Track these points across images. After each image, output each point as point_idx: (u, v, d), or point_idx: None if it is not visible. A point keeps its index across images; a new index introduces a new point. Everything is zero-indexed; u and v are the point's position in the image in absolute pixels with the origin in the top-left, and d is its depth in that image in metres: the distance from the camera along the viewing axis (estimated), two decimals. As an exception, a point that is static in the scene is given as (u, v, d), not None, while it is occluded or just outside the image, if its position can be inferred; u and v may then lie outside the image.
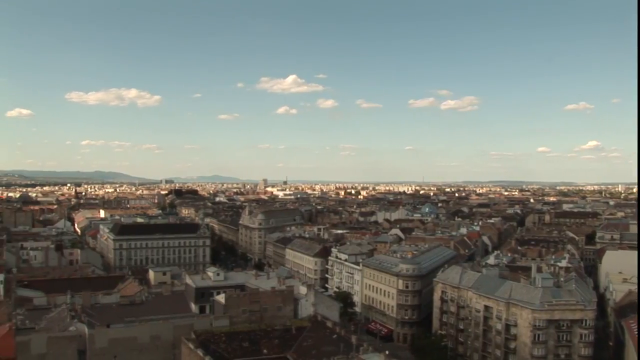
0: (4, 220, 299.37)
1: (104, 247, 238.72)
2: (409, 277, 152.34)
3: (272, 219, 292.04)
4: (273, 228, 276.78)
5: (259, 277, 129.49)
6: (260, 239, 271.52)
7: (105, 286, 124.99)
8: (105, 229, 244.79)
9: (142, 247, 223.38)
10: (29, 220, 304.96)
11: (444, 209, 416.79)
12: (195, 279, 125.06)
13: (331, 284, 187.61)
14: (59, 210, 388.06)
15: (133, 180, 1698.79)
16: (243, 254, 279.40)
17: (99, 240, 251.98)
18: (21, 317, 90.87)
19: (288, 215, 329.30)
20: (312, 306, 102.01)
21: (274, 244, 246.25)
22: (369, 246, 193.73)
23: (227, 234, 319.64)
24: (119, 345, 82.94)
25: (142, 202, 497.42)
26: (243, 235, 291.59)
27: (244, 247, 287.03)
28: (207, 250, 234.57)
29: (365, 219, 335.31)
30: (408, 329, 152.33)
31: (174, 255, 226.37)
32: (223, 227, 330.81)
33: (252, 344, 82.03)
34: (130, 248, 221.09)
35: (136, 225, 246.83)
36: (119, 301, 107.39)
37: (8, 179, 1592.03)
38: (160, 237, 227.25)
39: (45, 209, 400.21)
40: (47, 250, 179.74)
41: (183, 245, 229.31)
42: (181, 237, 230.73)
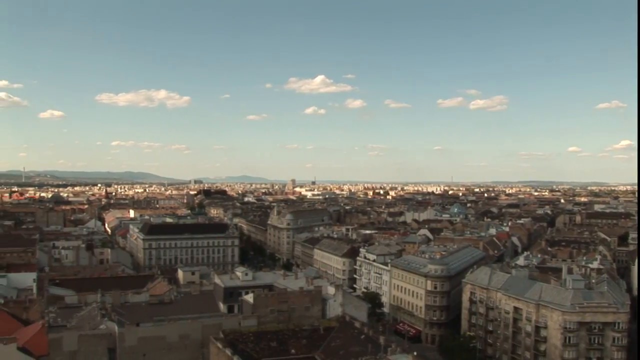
0: (36, 219, 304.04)
1: (133, 246, 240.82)
2: (437, 278, 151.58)
3: (301, 219, 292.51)
4: (301, 228, 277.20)
5: (287, 277, 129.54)
6: (288, 239, 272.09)
7: (135, 285, 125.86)
8: (135, 229, 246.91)
9: (171, 246, 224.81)
10: (60, 220, 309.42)
11: (473, 209, 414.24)
12: (224, 279, 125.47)
13: (359, 285, 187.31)
14: (90, 210, 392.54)
15: (162, 180, 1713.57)
16: (271, 254, 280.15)
17: (128, 239, 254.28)
18: (53, 315, 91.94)
19: (316, 216, 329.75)
20: (340, 306, 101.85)
21: (302, 244, 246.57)
22: (397, 247, 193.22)
23: (256, 234, 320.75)
24: (148, 344, 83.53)
25: (172, 202, 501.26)
26: (271, 236, 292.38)
27: (272, 247, 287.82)
28: (236, 250, 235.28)
29: (393, 219, 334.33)
30: (436, 330, 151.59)
31: (202, 255, 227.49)
32: (251, 227, 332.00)
33: (280, 343, 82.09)
34: (159, 248, 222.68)
35: (165, 225, 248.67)
36: (148, 300, 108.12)
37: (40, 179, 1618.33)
38: (189, 237, 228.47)
39: (77, 208, 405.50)
40: (78, 249, 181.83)
41: (212, 245, 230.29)
42: (210, 237, 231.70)
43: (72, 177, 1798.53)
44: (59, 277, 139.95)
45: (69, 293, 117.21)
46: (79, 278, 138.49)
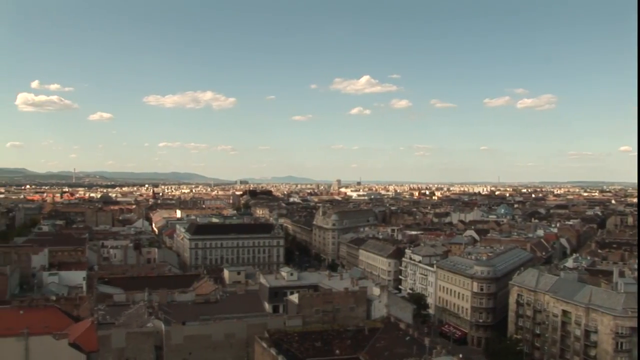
0: (86, 219, 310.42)
1: (180, 246, 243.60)
2: (483, 280, 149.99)
3: (346, 219, 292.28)
4: (346, 229, 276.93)
5: (332, 278, 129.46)
6: (333, 240, 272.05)
7: (181, 284, 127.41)
8: (181, 229, 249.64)
9: (217, 246, 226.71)
10: (109, 220, 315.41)
11: (520, 210, 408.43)
12: (269, 279, 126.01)
13: (404, 285, 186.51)
14: (138, 210, 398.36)
15: (208, 181, 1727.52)
16: (316, 255, 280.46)
17: (175, 239, 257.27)
18: (102, 313, 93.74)
19: (362, 216, 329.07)
20: (385, 307, 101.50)
21: (347, 244, 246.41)
22: (443, 247, 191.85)
23: (301, 234, 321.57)
24: (194, 343, 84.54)
25: (218, 203, 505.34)
26: (317, 236, 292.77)
27: (317, 248, 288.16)
28: (281, 251, 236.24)
29: (439, 220, 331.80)
30: (482, 332, 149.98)
31: (248, 255, 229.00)
32: (297, 227, 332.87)
33: (324, 344, 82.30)
34: (205, 247, 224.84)
35: (211, 225, 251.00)
36: (194, 299, 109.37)
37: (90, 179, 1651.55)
38: (235, 237, 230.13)
39: (125, 209, 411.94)
40: (126, 248, 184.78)
41: (257, 245, 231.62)
42: (255, 237, 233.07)
43: (121, 178, 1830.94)
44: (108, 275, 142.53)
45: (117, 291, 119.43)
46: (127, 277, 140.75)
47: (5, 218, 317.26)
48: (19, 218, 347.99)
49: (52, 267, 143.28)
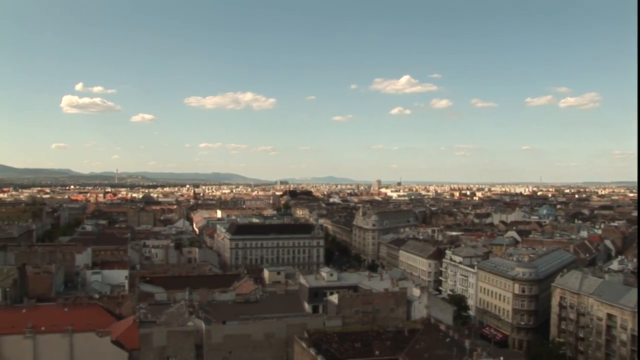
0: (128, 219, 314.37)
1: (220, 246, 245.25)
2: (525, 281, 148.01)
3: (386, 220, 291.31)
4: (387, 229, 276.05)
5: (372, 278, 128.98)
6: (373, 240, 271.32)
7: (222, 284, 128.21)
8: (222, 229, 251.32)
9: (258, 246, 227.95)
10: (150, 220, 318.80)
11: (563, 210, 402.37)
12: (309, 279, 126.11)
13: (445, 287, 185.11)
14: (179, 210, 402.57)
15: (249, 181, 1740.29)
16: (356, 255, 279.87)
17: (215, 239, 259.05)
18: (144, 311, 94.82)
19: (402, 217, 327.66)
20: (425, 308, 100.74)
21: (387, 245, 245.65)
22: (484, 249, 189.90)
23: (341, 234, 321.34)
24: (233, 342, 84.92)
25: (258, 203, 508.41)
26: (356, 236, 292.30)
27: (357, 248, 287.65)
28: (321, 251, 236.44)
29: (480, 220, 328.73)
30: (524, 334, 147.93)
31: (288, 255, 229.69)
32: (337, 227, 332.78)
33: (364, 345, 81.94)
34: (245, 247, 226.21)
35: (252, 226, 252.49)
36: (235, 299, 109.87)
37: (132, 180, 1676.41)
38: (275, 237, 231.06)
39: (166, 209, 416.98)
40: (167, 248, 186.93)
41: (297, 246, 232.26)
42: (295, 238, 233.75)
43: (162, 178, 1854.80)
44: (149, 274, 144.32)
45: (158, 290, 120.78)
46: (168, 276, 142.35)
47: (50, 218, 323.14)
48: (63, 218, 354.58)
49: (95, 266, 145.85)
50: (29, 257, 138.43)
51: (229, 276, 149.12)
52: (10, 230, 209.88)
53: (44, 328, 79.43)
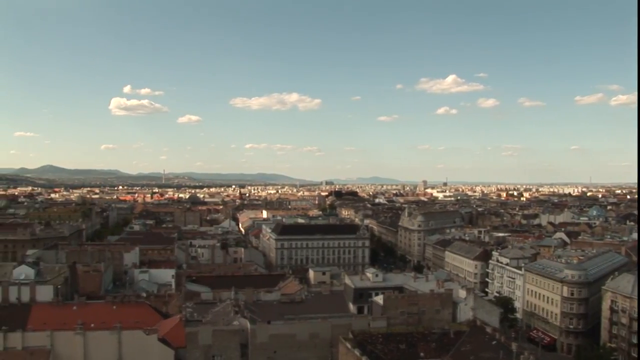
0: (175, 219, 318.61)
1: (266, 246, 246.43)
2: (574, 284, 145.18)
3: (432, 220, 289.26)
4: (432, 230, 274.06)
5: (417, 279, 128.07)
6: (419, 241, 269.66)
7: (267, 284, 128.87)
8: (267, 229, 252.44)
9: (303, 247, 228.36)
10: (197, 220, 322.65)
11: (614, 212, 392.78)
12: (354, 280, 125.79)
13: (491, 288, 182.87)
14: (225, 211, 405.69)
15: (294, 181, 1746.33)
16: (402, 256, 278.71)
17: (261, 239, 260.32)
18: (190, 310, 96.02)
19: (448, 217, 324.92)
20: (471, 310, 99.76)
21: (433, 246, 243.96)
22: (531, 250, 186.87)
23: (386, 235, 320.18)
24: (278, 341, 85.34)
25: (303, 203, 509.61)
26: (402, 237, 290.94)
27: (402, 249, 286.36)
28: (367, 251, 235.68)
29: (527, 221, 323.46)
30: (573, 339, 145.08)
31: (333, 255, 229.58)
32: (382, 228, 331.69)
33: (409, 346, 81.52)
34: (291, 248, 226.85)
35: (297, 226, 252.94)
36: (280, 299, 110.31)
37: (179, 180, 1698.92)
38: (321, 238, 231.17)
39: (212, 209, 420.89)
40: (213, 248, 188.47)
41: (343, 246, 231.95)
42: (341, 238, 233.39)
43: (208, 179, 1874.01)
44: (196, 274, 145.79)
45: (204, 289, 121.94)
46: (214, 275, 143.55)
47: (99, 217, 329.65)
48: (112, 217, 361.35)
49: (142, 265, 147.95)
50: (79, 256, 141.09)
51: (274, 276, 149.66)
52: (62, 230, 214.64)
53: (93, 325, 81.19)
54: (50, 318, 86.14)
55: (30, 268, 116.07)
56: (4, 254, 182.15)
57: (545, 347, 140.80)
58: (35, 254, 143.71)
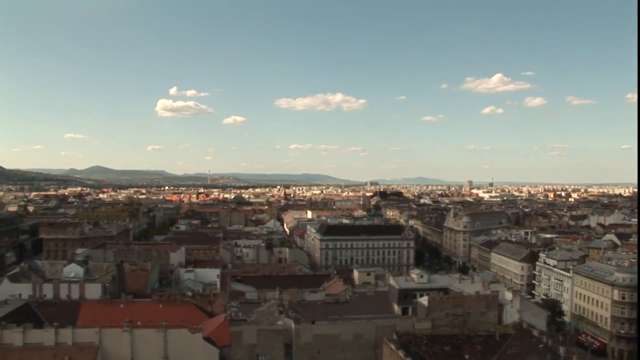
0: (220, 219, 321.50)
1: (310, 246, 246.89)
2: (625, 288, 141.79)
3: (478, 221, 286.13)
4: (478, 231, 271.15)
5: (462, 281, 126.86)
6: (464, 242, 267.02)
7: (311, 284, 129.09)
8: (312, 229, 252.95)
9: (347, 247, 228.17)
10: (242, 220, 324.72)
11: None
12: (399, 280, 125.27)
13: (538, 291, 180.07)
14: (269, 211, 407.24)
15: (339, 182, 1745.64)
16: (447, 257, 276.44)
17: (306, 239, 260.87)
18: (234, 310, 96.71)
19: (494, 218, 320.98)
20: (517, 313, 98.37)
21: (478, 247, 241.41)
22: (580, 252, 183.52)
23: (431, 236, 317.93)
24: (322, 342, 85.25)
25: (348, 204, 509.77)
26: (447, 238, 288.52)
27: (448, 250, 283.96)
28: (411, 252, 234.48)
29: (576, 222, 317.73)
30: (624, 344, 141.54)
31: (378, 256, 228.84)
32: (427, 229, 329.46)
33: (454, 348, 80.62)
34: (335, 248, 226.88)
35: (342, 226, 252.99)
36: (324, 299, 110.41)
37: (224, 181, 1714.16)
38: (365, 238, 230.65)
39: (257, 209, 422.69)
40: (258, 248, 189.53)
41: (387, 247, 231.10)
42: (385, 239, 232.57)
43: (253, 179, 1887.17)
44: (241, 273, 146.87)
45: (249, 289, 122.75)
46: (258, 275, 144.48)
47: (146, 217, 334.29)
48: (158, 217, 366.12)
49: (188, 265, 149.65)
50: (126, 255, 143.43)
51: (318, 276, 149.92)
52: (110, 229, 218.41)
53: (140, 323, 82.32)
54: (99, 315, 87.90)
55: (79, 266, 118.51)
56: (55, 252, 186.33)
57: (594, 352, 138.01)
58: (84, 253, 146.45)
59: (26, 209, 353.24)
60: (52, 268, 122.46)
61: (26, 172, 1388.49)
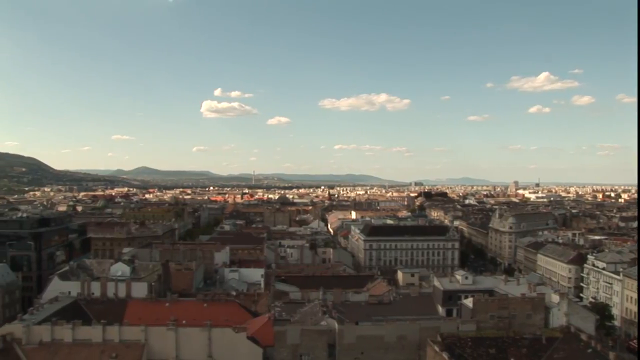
0: (265, 219, 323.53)
1: (354, 247, 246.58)
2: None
3: (523, 222, 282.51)
4: (524, 232, 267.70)
5: (508, 283, 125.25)
6: (510, 243, 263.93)
7: (355, 285, 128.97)
8: (356, 230, 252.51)
9: (392, 248, 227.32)
10: (286, 220, 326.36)
11: None
12: (443, 282, 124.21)
13: (586, 294, 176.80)
14: (314, 211, 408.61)
15: (383, 182, 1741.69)
16: (492, 258, 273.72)
17: (350, 240, 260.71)
18: (278, 309, 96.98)
19: (540, 219, 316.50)
20: (564, 316, 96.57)
21: (524, 248, 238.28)
22: (630, 254, 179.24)
23: (476, 237, 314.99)
24: (366, 343, 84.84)
25: (392, 204, 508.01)
26: (492, 239, 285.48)
27: (493, 251, 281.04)
28: (456, 253, 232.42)
29: (626, 224, 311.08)
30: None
31: (422, 257, 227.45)
32: (472, 230, 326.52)
33: (499, 351, 79.48)
34: (379, 249, 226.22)
35: (386, 227, 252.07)
36: (368, 300, 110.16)
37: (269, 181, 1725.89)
38: (410, 239, 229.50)
39: (301, 209, 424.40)
40: (302, 248, 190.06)
41: (432, 248, 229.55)
42: (430, 240, 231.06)
43: (297, 180, 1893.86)
44: (285, 274, 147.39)
45: (293, 289, 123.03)
46: (302, 275, 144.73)
47: (191, 217, 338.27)
48: (203, 217, 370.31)
49: (232, 264, 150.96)
50: (171, 255, 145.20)
51: (362, 277, 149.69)
52: (156, 229, 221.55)
53: (185, 321, 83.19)
54: (145, 313, 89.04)
55: (126, 265, 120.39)
56: (102, 251, 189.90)
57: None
58: (130, 252, 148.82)
59: (75, 208, 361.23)
60: (99, 267, 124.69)
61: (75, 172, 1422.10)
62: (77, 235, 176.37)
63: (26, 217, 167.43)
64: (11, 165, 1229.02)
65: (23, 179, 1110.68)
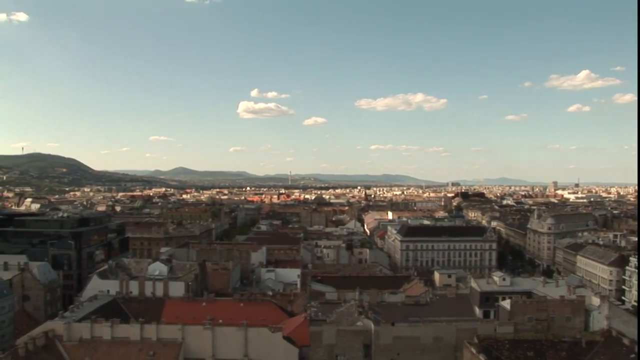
0: (301, 219, 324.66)
1: (391, 247, 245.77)
2: None
3: (563, 223, 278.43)
4: (563, 233, 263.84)
5: (546, 284, 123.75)
6: (549, 244, 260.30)
7: (391, 285, 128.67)
8: (392, 230, 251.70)
9: (428, 248, 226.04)
10: (322, 220, 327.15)
11: None
12: (481, 283, 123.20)
13: (628, 297, 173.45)
14: (350, 212, 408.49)
15: (420, 183, 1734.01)
16: (530, 260, 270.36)
17: (386, 240, 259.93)
18: (314, 309, 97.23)
19: (580, 220, 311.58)
20: (605, 319, 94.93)
21: (564, 250, 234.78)
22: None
23: (514, 238, 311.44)
24: (402, 344, 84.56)
25: (429, 205, 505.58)
26: (531, 240, 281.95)
27: (531, 252, 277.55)
28: (493, 254, 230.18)
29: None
30: None
31: (459, 258, 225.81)
32: (510, 230, 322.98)
33: (537, 354, 78.44)
34: (416, 249, 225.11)
35: (423, 227, 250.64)
36: (404, 301, 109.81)
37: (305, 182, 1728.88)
38: (446, 240, 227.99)
39: (338, 210, 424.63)
40: (338, 248, 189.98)
41: (469, 249, 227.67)
42: (467, 240, 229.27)
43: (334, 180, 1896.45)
44: (321, 274, 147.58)
45: (329, 289, 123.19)
46: (338, 276, 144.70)
47: (228, 217, 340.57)
48: (240, 218, 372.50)
49: (269, 264, 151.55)
50: (208, 254, 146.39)
51: (399, 278, 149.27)
52: (193, 229, 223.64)
53: (221, 321, 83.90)
54: (182, 312, 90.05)
55: (164, 265, 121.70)
56: (140, 250, 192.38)
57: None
58: (168, 252, 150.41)
59: (114, 208, 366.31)
60: (137, 266, 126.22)
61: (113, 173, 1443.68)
62: (115, 234, 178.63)
63: (67, 216, 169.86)
64: (52, 166, 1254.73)
65: (64, 179, 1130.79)
